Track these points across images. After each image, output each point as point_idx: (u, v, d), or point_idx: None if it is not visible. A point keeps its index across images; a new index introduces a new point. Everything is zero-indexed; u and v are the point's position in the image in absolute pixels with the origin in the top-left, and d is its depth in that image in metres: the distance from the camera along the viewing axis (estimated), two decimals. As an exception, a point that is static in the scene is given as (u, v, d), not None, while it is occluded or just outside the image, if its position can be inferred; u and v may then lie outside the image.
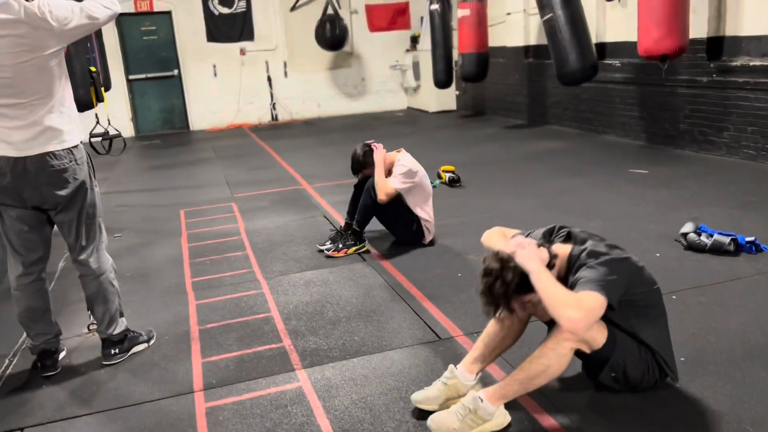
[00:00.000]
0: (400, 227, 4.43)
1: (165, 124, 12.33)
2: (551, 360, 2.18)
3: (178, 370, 2.92)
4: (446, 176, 6.22)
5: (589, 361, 2.39)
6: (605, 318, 2.20)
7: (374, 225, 4.49)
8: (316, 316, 3.38)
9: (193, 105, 12.30)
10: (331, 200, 5.88)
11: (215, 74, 12.30)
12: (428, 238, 4.43)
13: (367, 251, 4.32)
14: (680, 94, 6.84)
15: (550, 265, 2.23)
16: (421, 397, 2.44)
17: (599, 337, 2.23)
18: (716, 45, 6.39)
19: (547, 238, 2.45)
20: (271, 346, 3.08)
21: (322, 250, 4.37)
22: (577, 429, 2.26)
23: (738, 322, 2.96)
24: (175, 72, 12.07)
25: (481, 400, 2.23)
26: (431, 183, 6.07)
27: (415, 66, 12.40)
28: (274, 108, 12.67)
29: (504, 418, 2.27)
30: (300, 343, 3.08)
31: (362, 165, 4.39)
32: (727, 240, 3.78)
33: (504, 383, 2.26)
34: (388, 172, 4.31)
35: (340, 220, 5.14)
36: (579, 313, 2.04)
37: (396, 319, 3.28)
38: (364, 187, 4.33)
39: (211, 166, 8.21)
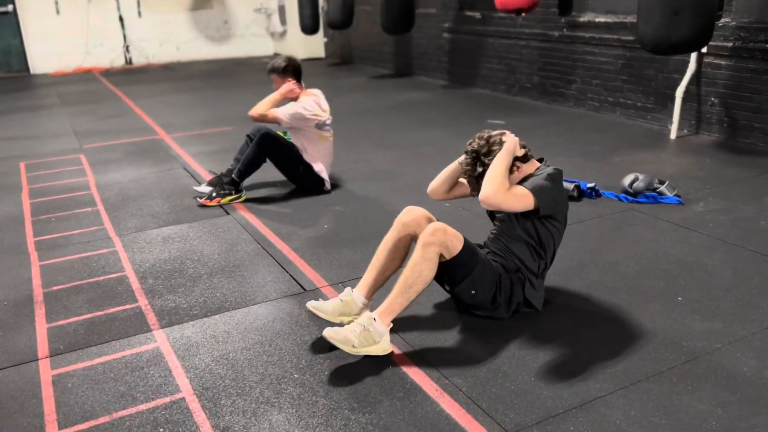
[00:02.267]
0: (302, 176, 4.34)
1: (0, 66, 11.04)
2: (422, 266, 2.42)
3: (20, 338, 2.70)
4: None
5: (450, 273, 2.56)
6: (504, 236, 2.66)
7: (253, 175, 4.37)
8: (175, 274, 3.25)
9: (33, 45, 11.11)
10: (192, 151, 5.61)
11: (58, 12, 11.13)
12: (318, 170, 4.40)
13: (231, 202, 4.20)
14: (534, 47, 7.19)
15: (512, 169, 2.61)
16: (317, 305, 2.60)
17: (456, 243, 2.47)
18: (567, 0, 6.74)
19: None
20: (126, 306, 2.93)
21: (197, 195, 4.23)
22: (411, 350, 2.38)
23: (577, 261, 3.23)
24: (10, 8, 10.77)
25: (375, 320, 2.40)
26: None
27: (281, 10, 11.99)
28: (127, 51, 11.76)
29: (388, 345, 2.43)
30: (157, 303, 2.95)
31: (277, 71, 4.49)
32: (571, 186, 4.08)
33: (389, 300, 2.45)
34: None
35: (201, 171, 4.94)
36: (495, 192, 2.45)
37: (260, 273, 3.24)
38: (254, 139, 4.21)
39: (57, 115, 7.51)
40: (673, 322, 2.63)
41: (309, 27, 10.33)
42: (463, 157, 2.67)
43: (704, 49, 5.31)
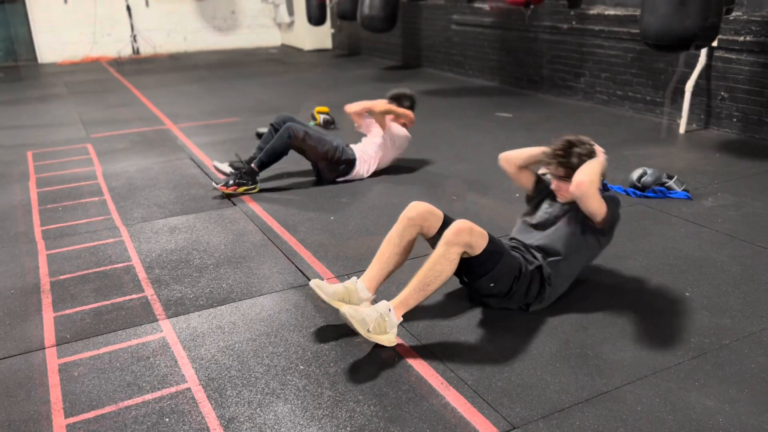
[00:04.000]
0: (326, 165, 4.36)
1: (8, 55, 11.07)
2: (443, 266, 2.43)
3: (27, 326, 2.71)
4: (321, 118, 6.12)
5: (472, 269, 2.57)
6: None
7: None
8: (182, 264, 3.25)
9: (40, 35, 11.11)
10: (199, 141, 5.61)
11: (65, 1, 11.13)
12: (358, 171, 4.47)
13: (245, 193, 4.19)
14: (543, 40, 7.14)
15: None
16: (321, 284, 2.56)
17: (481, 242, 2.47)
18: (577, -7, 6.68)
19: None
20: (132, 296, 2.93)
21: (217, 169, 4.31)
22: (417, 343, 2.38)
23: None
24: (18, -4, 10.79)
25: (390, 311, 2.41)
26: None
27: (289, 1, 11.94)
28: (135, 40, 11.76)
29: (395, 337, 2.43)
30: (163, 293, 2.96)
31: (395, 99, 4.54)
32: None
33: (405, 294, 2.45)
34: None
35: (208, 162, 4.93)
36: (591, 182, 2.51)
37: (267, 264, 3.24)
38: (280, 129, 4.21)
39: (64, 104, 7.52)
40: (681, 318, 2.62)
41: (316, 18, 10.29)
42: (549, 149, 2.72)
43: (715, 43, 5.26)
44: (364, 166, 4.45)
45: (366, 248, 3.32)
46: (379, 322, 2.38)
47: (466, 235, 2.43)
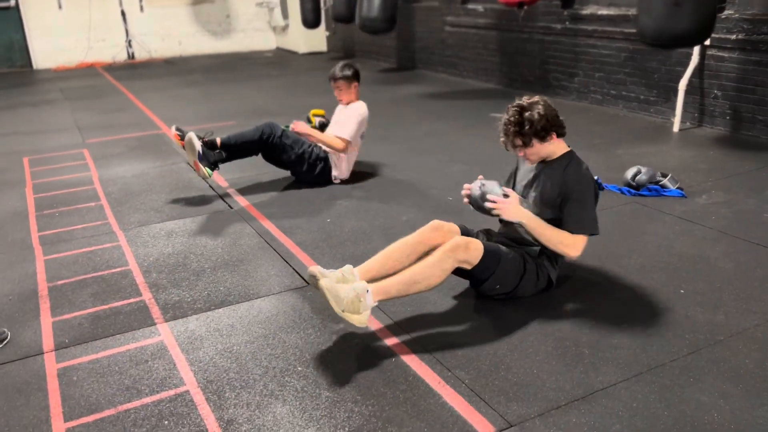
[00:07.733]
0: (304, 169, 4.37)
1: (3, 61, 11.07)
2: (435, 272, 2.45)
3: (25, 332, 2.71)
4: (316, 120, 6.13)
5: (474, 277, 2.64)
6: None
7: (256, 168, 4.36)
8: (179, 268, 3.26)
9: (35, 41, 11.12)
10: (195, 146, 5.61)
11: (60, 7, 11.13)
12: (336, 174, 4.45)
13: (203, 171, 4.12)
14: (536, 40, 7.17)
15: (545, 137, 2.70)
16: (317, 271, 2.47)
17: (476, 254, 2.52)
18: (569, -7, 6.71)
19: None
20: (130, 300, 2.94)
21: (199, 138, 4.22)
22: (414, 342, 2.39)
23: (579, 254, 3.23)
24: (12, 2, 10.78)
25: (367, 292, 2.39)
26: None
27: (283, 4, 11.97)
28: (130, 45, 11.76)
29: (366, 320, 2.40)
30: (161, 296, 2.97)
31: (345, 78, 4.40)
32: (573, 180, 4.08)
33: (388, 282, 2.45)
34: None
35: (204, 166, 4.93)
36: (575, 252, 2.63)
37: (264, 267, 3.25)
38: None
39: (59, 109, 7.52)
40: (675, 315, 2.64)
41: (311, 21, 10.31)
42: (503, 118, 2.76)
43: (707, 42, 5.29)
44: (336, 158, 4.44)
45: (363, 249, 3.34)
46: (354, 301, 2.35)
47: (462, 252, 2.49)
